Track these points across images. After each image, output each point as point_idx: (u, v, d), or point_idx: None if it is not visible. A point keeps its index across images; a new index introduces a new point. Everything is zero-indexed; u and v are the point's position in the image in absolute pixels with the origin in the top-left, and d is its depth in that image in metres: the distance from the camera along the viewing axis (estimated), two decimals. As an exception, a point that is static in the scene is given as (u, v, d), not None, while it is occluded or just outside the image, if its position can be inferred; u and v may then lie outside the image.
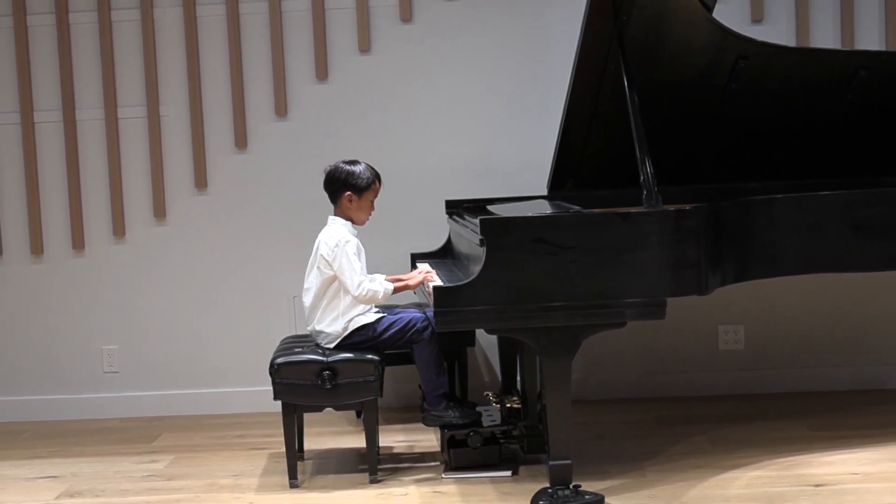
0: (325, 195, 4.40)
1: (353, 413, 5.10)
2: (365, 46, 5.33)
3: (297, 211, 5.30)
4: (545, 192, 4.88)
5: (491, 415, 4.43)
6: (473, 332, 4.90)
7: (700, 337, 5.36)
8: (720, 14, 4.43)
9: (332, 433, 4.97)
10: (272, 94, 5.36)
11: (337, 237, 4.27)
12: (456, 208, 4.97)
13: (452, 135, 5.34)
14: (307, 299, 4.36)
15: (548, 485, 3.83)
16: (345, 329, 4.28)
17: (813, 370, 5.35)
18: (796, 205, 4.13)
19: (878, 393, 5.26)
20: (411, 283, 4.36)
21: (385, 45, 5.34)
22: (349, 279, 4.22)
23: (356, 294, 4.22)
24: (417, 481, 4.20)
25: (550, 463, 3.82)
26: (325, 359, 4.20)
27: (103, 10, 5.34)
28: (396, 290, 4.32)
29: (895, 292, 5.32)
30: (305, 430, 4.63)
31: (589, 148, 4.70)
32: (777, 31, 5.22)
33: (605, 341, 4.88)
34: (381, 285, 4.26)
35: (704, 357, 5.37)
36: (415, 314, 4.32)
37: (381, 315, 4.33)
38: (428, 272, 4.36)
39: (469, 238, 4.20)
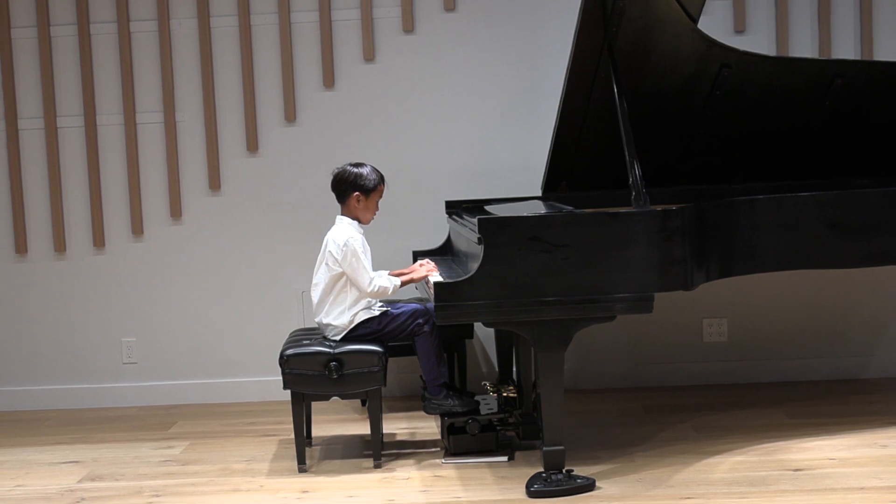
0: (332, 196, 4.39)
1: (358, 402, 5.11)
2: (370, 56, 5.33)
3: (305, 211, 5.30)
4: (539, 193, 4.87)
5: (488, 403, 4.43)
6: (472, 325, 4.89)
7: (685, 330, 5.36)
8: (705, 25, 4.42)
9: (338, 421, 4.97)
10: (282, 101, 5.36)
11: (345, 236, 4.26)
12: (455, 208, 4.97)
13: (452, 139, 5.34)
14: (315, 294, 4.35)
15: (542, 469, 3.83)
16: (351, 322, 4.28)
17: (792, 361, 5.35)
18: (776, 205, 4.12)
19: (853, 382, 5.25)
20: (415, 276, 4.36)
21: (388, 54, 5.34)
22: (361, 277, 4.22)
23: (369, 291, 4.22)
24: (419, 466, 4.20)
25: (544, 449, 3.82)
26: (331, 350, 4.20)
27: (122, 21, 5.33)
28: (403, 284, 4.33)
29: (870, 288, 5.32)
30: (313, 417, 4.63)
31: (581, 151, 4.69)
32: (758, 41, 5.21)
33: (597, 334, 4.90)
34: (389, 281, 4.27)
35: (690, 349, 5.37)
36: (416, 308, 4.32)
37: (384, 309, 4.33)
38: (430, 268, 4.36)
39: (468, 236, 4.19)
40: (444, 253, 5.00)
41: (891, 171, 4.75)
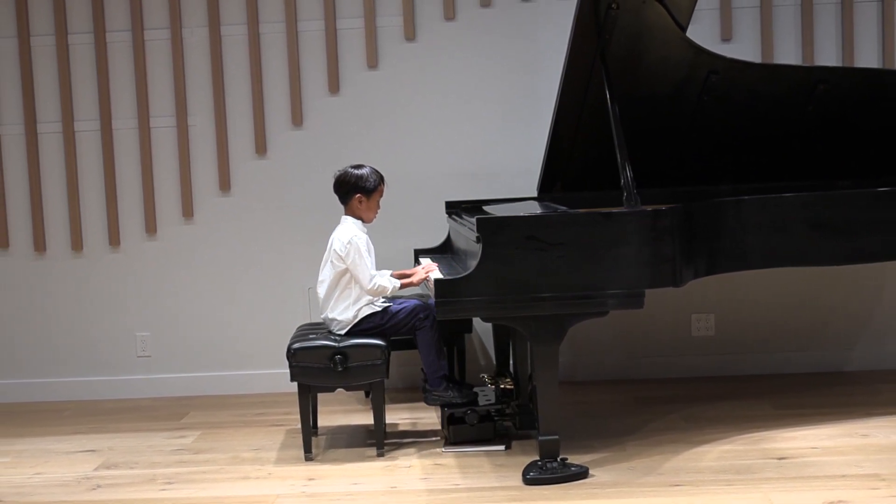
0: (336, 197, 4.39)
1: (362, 393, 5.10)
2: (373, 63, 5.32)
3: (311, 211, 5.30)
4: (535, 194, 4.87)
5: (486, 395, 4.43)
6: (471, 320, 4.89)
7: (675, 324, 5.36)
8: (693, 33, 4.42)
9: (343, 411, 4.96)
10: (289, 106, 5.36)
11: (349, 235, 4.27)
12: (455, 208, 4.96)
13: (452, 142, 5.33)
14: (321, 290, 4.36)
15: (538, 458, 3.82)
16: (355, 317, 4.28)
17: (777, 354, 5.35)
18: (761, 205, 4.11)
19: (836, 375, 5.25)
20: (415, 280, 4.36)
21: (391, 61, 5.33)
22: (362, 274, 4.22)
23: (368, 288, 4.23)
24: (420, 455, 4.20)
25: (540, 438, 3.81)
26: (336, 344, 4.20)
27: (137, 30, 5.33)
28: (403, 287, 4.33)
29: (851, 284, 5.31)
30: (319, 408, 4.63)
31: (575, 154, 4.69)
32: (744, 49, 5.21)
33: (590, 329, 4.89)
34: (389, 282, 4.27)
35: (679, 343, 5.37)
36: (417, 304, 4.32)
37: (387, 304, 4.33)
38: (428, 270, 4.35)
39: (467, 235, 4.19)
40: (444, 251, 4.99)
41: (876, 173, 4.73)
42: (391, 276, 4.35)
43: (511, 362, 4.69)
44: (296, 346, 4.23)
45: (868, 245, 4.23)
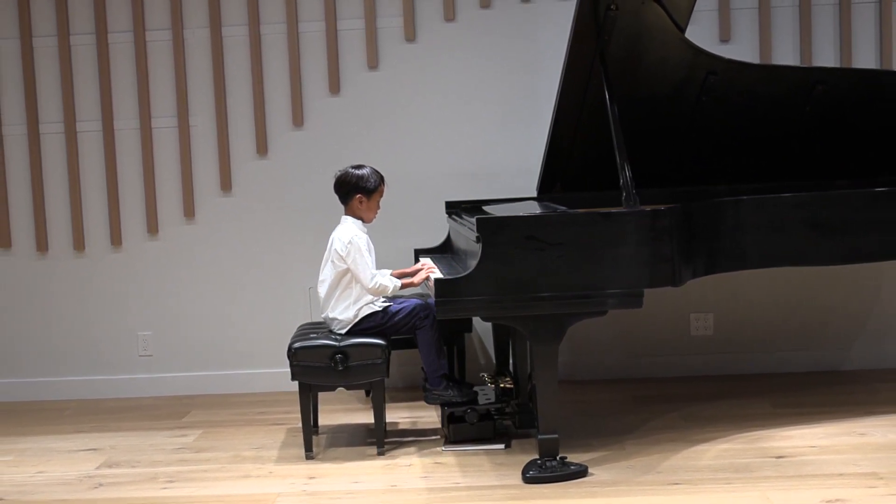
0: (336, 197, 4.39)
1: (362, 392, 5.10)
2: (373, 64, 5.33)
3: (312, 211, 5.30)
4: (535, 194, 4.87)
5: (486, 394, 4.43)
6: (470, 320, 4.89)
7: (674, 324, 5.36)
8: (692, 34, 4.43)
9: (343, 410, 4.97)
10: (290, 107, 5.36)
11: (350, 235, 4.27)
12: (455, 208, 4.97)
13: (452, 142, 5.33)
14: (322, 290, 4.36)
15: (537, 456, 3.83)
16: (355, 316, 4.28)
17: (775, 354, 5.35)
18: (760, 205, 4.11)
19: (833, 374, 5.25)
20: (415, 279, 4.36)
21: (391, 62, 5.33)
22: (363, 273, 4.22)
23: (369, 287, 4.23)
24: (420, 453, 4.20)
25: (539, 437, 3.81)
26: (337, 343, 4.20)
27: (138, 31, 5.33)
28: (403, 286, 4.33)
29: (849, 284, 5.32)
30: (320, 407, 4.64)
31: (574, 154, 4.69)
32: (743, 50, 5.21)
33: (590, 328, 4.89)
34: (390, 281, 4.27)
35: (678, 342, 5.37)
36: (418, 303, 4.31)
37: (387, 304, 4.33)
38: (430, 268, 4.35)
39: (467, 235, 4.19)
40: (444, 251, 4.99)
41: (873, 173, 4.73)
42: (391, 275, 4.35)
43: (511, 361, 4.69)
44: (297, 345, 4.23)
45: (866, 245, 4.23)
